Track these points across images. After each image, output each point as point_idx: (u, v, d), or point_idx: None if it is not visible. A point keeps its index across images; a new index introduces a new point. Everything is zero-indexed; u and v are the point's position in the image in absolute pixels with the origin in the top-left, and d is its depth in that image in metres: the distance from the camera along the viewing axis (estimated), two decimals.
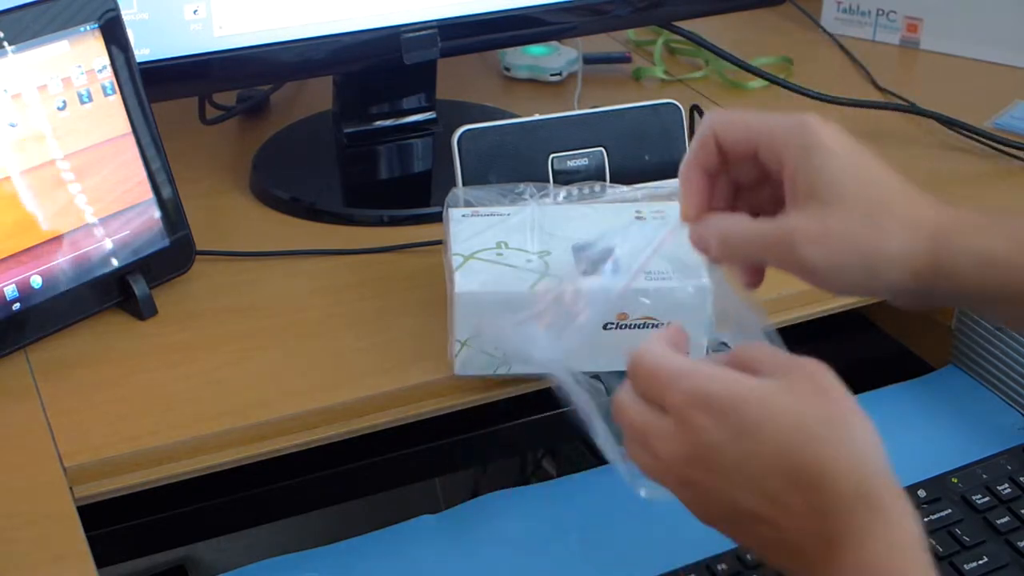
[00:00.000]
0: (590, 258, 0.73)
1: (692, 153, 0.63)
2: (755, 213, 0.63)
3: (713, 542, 0.76)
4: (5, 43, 0.80)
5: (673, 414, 0.54)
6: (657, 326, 0.76)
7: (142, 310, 0.85)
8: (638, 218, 0.82)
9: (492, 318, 0.73)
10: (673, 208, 0.73)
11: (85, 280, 0.84)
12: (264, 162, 1.05)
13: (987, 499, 0.80)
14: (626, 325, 0.77)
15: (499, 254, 0.79)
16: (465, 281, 0.77)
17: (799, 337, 0.96)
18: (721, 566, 0.75)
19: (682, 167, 0.64)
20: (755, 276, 0.64)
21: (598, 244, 0.74)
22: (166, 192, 0.88)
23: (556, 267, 0.77)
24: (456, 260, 0.79)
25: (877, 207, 0.60)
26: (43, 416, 0.76)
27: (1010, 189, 1.06)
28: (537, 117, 0.97)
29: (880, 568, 0.50)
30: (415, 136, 1.07)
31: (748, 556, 0.75)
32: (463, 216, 0.83)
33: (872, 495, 0.51)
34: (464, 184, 0.94)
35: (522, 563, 0.80)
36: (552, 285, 0.74)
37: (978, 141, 1.10)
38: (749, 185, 0.64)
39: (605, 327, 0.76)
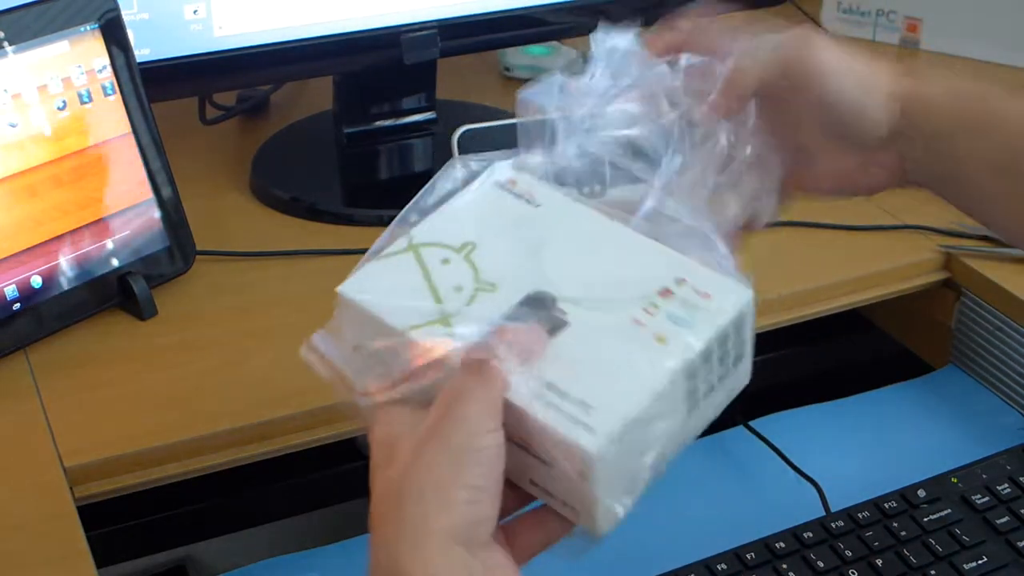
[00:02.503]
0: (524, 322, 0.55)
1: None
2: None
3: (713, 542, 0.76)
4: (5, 43, 0.80)
5: None
6: (546, 466, 0.53)
7: (142, 310, 0.85)
8: (662, 295, 0.57)
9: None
10: (720, 291, 0.57)
11: (85, 280, 0.84)
12: (264, 162, 1.05)
13: (987, 499, 0.80)
14: (518, 444, 0.54)
15: (445, 260, 0.58)
16: (359, 284, 0.59)
17: (799, 337, 0.97)
18: (721, 566, 0.74)
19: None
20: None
21: (553, 308, 0.56)
22: (166, 192, 0.88)
23: (468, 317, 0.56)
24: (394, 245, 0.60)
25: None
26: (43, 416, 0.76)
27: None
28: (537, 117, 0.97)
29: None
30: (415, 136, 1.07)
31: (749, 556, 0.75)
32: (496, 185, 0.62)
33: None
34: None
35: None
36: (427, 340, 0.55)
37: None
38: None
39: None
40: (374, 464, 0.54)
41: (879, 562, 0.76)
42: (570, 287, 0.57)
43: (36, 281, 0.82)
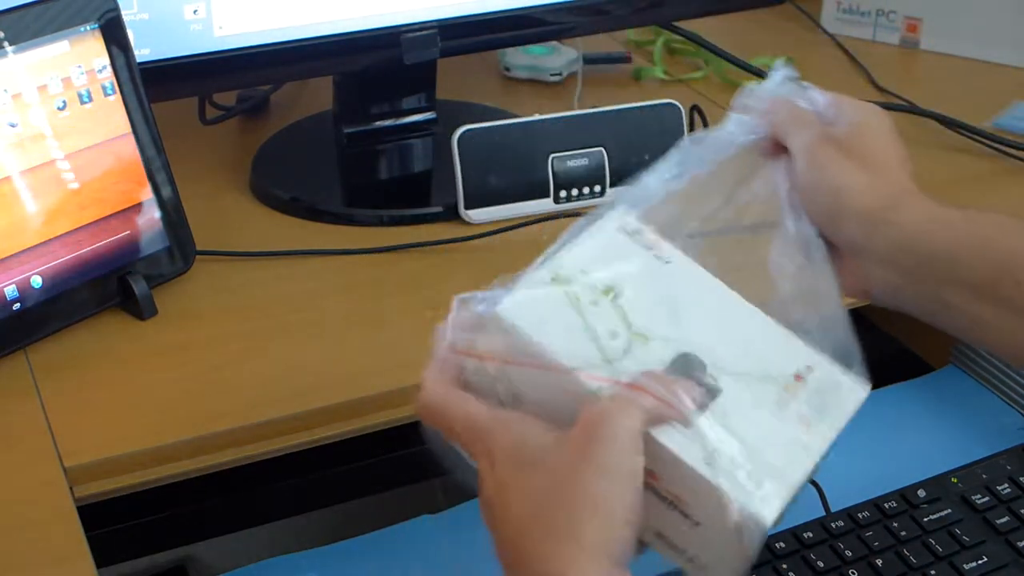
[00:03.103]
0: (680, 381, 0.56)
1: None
2: None
3: None
4: (5, 43, 0.80)
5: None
6: (685, 518, 0.56)
7: (142, 310, 0.85)
8: (797, 379, 0.60)
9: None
10: (844, 386, 0.60)
11: (85, 280, 0.84)
12: (264, 162, 1.05)
13: (987, 499, 0.80)
14: (649, 488, 0.55)
15: (594, 303, 0.59)
16: (520, 307, 0.58)
17: None
18: None
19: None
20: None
21: (704, 373, 0.58)
22: (166, 192, 0.88)
23: (628, 366, 0.57)
24: (542, 273, 0.60)
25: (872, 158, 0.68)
26: (43, 416, 0.76)
27: (1010, 189, 1.06)
28: (537, 117, 0.97)
29: None
30: (415, 136, 1.07)
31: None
32: (622, 231, 0.63)
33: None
34: (464, 184, 0.95)
35: None
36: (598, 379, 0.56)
37: (978, 141, 1.10)
38: None
39: None
40: (504, 471, 0.55)
41: (879, 562, 0.76)
42: (715, 354, 0.58)
43: (36, 281, 0.82)
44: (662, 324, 0.59)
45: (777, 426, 0.57)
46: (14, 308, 0.81)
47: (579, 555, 0.52)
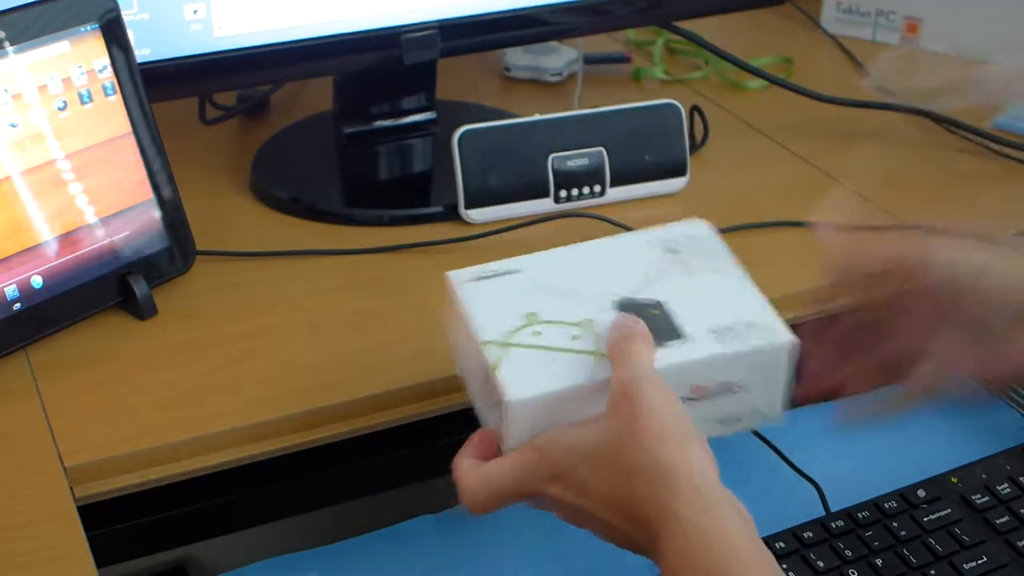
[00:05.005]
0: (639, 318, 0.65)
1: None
2: None
3: None
4: (6, 43, 0.80)
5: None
6: (738, 391, 0.66)
7: (142, 310, 0.85)
8: (669, 251, 0.70)
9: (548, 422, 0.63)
10: (707, 238, 0.72)
11: (85, 280, 0.84)
12: (264, 162, 1.05)
13: (987, 499, 0.80)
14: (703, 397, 0.65)
15: (536, 332, 0.65)
16: (516, 384, 0.63)
17: (799, 337, 0.96)
18: None
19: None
20: None
21: (640, 296, 0.66)
22: (166, 192, 0.88)
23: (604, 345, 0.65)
24: (490, 352, 0.64)
25: None
26: (43, 416, 0.76)
27: (1010, 189, 1.06)
28: (537, 117, 0.97)
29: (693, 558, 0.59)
30: (415, 136, 1.07)
31: None
32: (468, 281, 0.70)
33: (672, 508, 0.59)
34: (464, 184, 0.95)
35: (522, 563, 0.80)
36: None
37: (977, 141, 1.10)
38: None
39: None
40: (574, 474, 0.62)
41: (879, 562, 0.76)
42: (630, 285, 0.67)
43: (36, 281, 0.82)
44: (581, 306, 0.66)
45: (706, 287, 0.68)
46: (14, 308, 0.81)
47: (680, 490, 0.58)
